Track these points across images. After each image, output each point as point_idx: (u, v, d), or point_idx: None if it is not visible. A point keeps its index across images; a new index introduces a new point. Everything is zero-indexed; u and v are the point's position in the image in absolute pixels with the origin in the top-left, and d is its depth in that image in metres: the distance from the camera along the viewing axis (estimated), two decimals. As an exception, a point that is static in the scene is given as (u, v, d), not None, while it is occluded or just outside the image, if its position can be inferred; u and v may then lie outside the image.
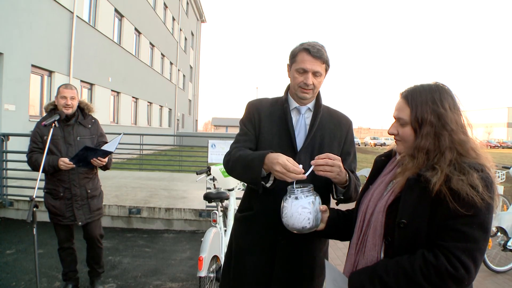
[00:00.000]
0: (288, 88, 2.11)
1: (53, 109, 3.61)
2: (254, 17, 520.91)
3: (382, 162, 1.69)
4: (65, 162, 3.37)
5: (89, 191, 3.63)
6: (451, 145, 1.38)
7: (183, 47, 36.80)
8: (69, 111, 3.52)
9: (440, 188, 1.30)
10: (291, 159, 1.71)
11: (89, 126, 3.69)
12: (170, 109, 32.08)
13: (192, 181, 9.15)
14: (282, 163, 1.68)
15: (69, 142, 3.54)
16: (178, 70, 34.49)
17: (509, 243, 4.90)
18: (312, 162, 1.71)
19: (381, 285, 1.33)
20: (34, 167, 3.45)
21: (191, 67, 42.30)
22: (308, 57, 1.91)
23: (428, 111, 1.41)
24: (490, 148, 59.38)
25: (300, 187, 1.68)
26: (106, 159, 3.52)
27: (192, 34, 41.94)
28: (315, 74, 1.93)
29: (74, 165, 3.42)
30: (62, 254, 3.73)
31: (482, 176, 1.30)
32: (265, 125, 2.05)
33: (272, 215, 1.91)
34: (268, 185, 1.86)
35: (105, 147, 3.56)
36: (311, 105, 2.07)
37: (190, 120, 43.99)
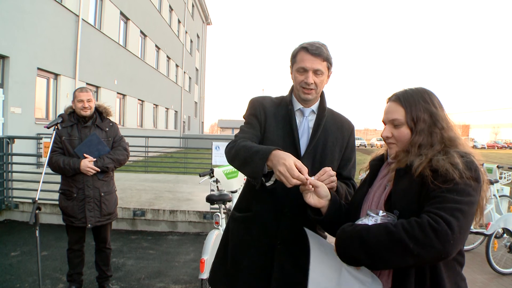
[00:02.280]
0: (292, 90, 2.06)
1: (72, 112, 3.67)
2: (260, 19, 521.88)
3: (376, 166, 1.71)
4: (90, 167, 3.50)
5: (102, 194, 3.65)
6: (441, 140, 1.46)
7: (189, 50, 36.92)
8: (87, 113, 3.59)
9: (423, 171, 1.37)
10: (299, 162, 1.59)
11: (106, 129, 3.73)
12: (176, 112, 32.18)
13: (197, 183, 9.15)
14: (288, 165, 1.55)
15: None
16: (184, 72, 34.61)
17: (515, 245, 4.86)
18: (317, 179, 1.66)
19: (360, 243, 1.31)
20: (54, 169, 3.54)
21: (196, 69, 42.43)
22: (307, 56, 1.88)
23: (421, 109, 1.49)
24: (498, 148, 59.03)
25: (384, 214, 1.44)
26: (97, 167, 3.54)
27: (198, 37, 42.08)
28: (316, 72, 1.89)
29: (99, 169, 3.55)
30: (70, 256, 3.73)
31: (465, 159, 1.36)
32: (271, 124, 2.00)
33: (271, 218, 1.88)
34: (268, 184, 1.79)
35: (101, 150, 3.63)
36: (315, 107, 2.02)
37: (196, 122, 44.09)
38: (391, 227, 1.27)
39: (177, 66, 32.02)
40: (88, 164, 3.49)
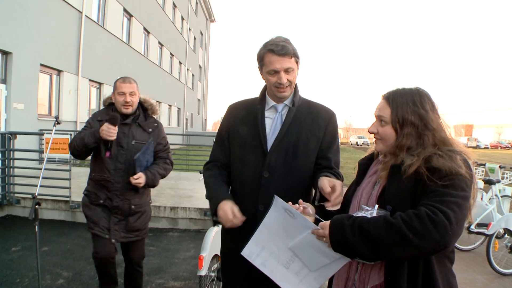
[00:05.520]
0: (266, 88, 2.09)
1: (111, 103, 3.07)
2: (263, 16, 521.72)
3: (365, 165, 1.73)
4: (111, 130, 2.76)
5: (133, 206, 3.05)
6: (433, 142, 1.47)
7: (192, 47, 36.91)
8: (129, 110, 2.96)
9: (418, 169, 1.39)
10: (235, 209, 1.88)
11: (150, 130, 3.08)
12: (179, 109, 32.17)
13: (198, 180, 9.16)
14: (223, 211, 1.88)
15: (122, 144, 2.95)
16: (187, 69, 34.61)
17: (516, 245, 4.85)
18: (329, 205, 1.63)
19: (360, 233, 1.31)
20: (75, 148, 2.90)
21: (200, 67, 42.43)
22: (274, 57, 1.89)
23: (409, 111, 1.49)
24: (501, 149, 58.80)
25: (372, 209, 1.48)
26: (141, 180, 2.90)
27: (201, 34, 42.05)
28: (287, 70, 1.92)
29: (116, 128, 2.78)
30: (98, 265, 3.15)
31: (463, 158, 1.41)
32: (238, 128, 2.07)
33: (243, 224, 1.91)
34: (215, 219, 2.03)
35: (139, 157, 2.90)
36: (288, 101, 2.04)
37: (199, 120, 44.10)
38: (390, 219, 1.29)
39: (180, 63, 32.01)
40: (110, 126, 2.74)
